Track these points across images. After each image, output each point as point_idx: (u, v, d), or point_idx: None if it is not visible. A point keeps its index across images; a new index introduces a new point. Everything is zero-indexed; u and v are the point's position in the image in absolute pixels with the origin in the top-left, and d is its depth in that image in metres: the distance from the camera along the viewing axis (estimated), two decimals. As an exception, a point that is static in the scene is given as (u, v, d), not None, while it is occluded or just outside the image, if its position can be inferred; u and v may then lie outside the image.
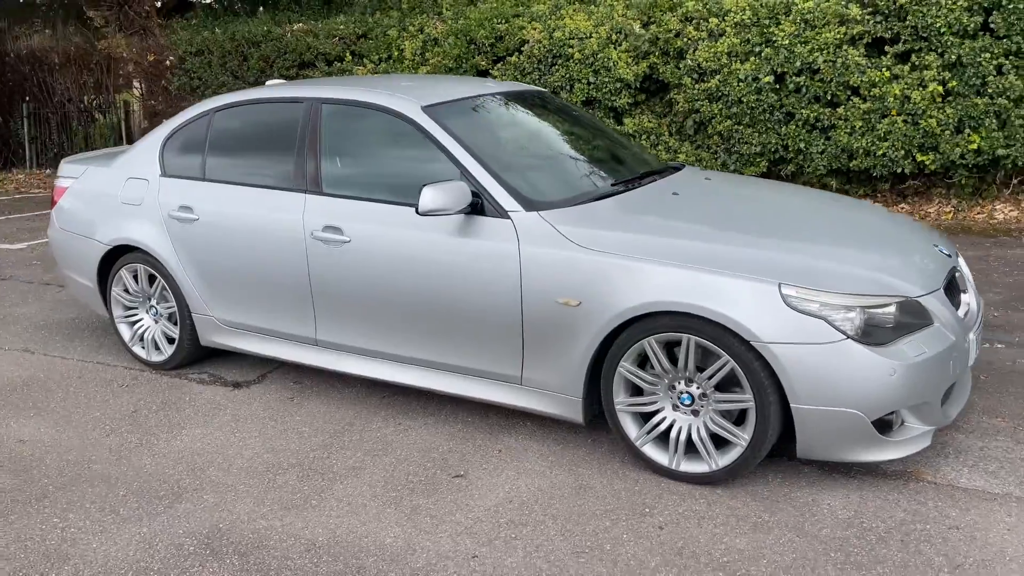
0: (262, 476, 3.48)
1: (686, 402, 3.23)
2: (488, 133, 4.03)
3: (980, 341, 3.48)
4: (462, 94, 4.14)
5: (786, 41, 7.61)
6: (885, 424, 3.05)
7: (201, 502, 3.29)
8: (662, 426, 3.28)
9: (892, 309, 3.02)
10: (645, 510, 3.10)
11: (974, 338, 3.33)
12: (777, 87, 7.81)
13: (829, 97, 7.64)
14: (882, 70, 7.35)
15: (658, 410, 3.29)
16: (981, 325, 3.52)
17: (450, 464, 3.51)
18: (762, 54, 7.77)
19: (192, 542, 3.03)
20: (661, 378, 3.25)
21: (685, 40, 8.17)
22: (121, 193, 4.63)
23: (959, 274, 3.57)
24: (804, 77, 7.64)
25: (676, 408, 3.26)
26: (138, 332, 4.74)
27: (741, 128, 8.06)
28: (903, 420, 3.08)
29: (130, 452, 3.74)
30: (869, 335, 2.96)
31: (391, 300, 3.74)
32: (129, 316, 4.77)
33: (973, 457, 3.35)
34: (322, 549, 2.95)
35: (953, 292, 3.39)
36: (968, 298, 3.51)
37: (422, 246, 3.62)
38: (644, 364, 3.27)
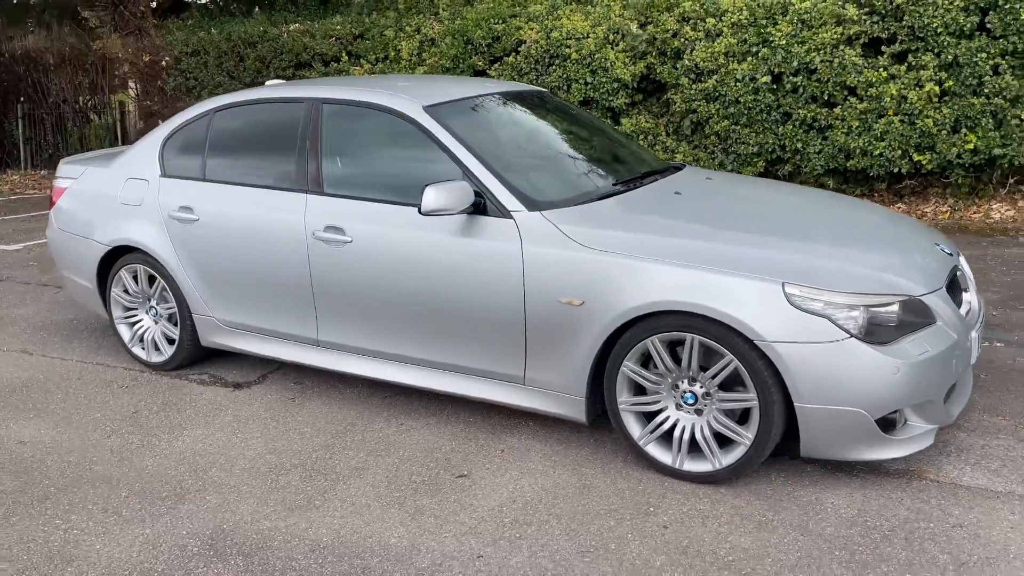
0: (265, 477, 3.47)
1: (689, 401, 3.23)
2: (490, 133, 4.03)
3: (981, 339, 3.49)
4: (463, 94, 4.14)
5: (783, 41, 7.63)
6: (888, 423, 3.06)
7: (204, 503, 3.29)
8: (665, 425, 3.29)
9: (895, 308, 3.02)
10: (649, 509, 3.11)
11: (976, 336, 3.35)
12: (774, 87, 7.83)
13: (826, 97, 7.66)
14: (879, 70, 7.37)
15: (661, 409, 3.30)
16: (982, 323, 3.53)
17: (453, 464, 3.51)
18: (759, 54, 7.79)
19: (196, 543, 3.02)
20: (664, 377, 3.25)
21: (682, 40, 8.18)
22: (121, 194, 4.62)
23: (960, 273, 3.58)
24: (801, 77, 7.66)
25: (679, 407, 3.27)
26: (138, 333, 4.72)
27: (738, 128, 8.07)
28: (906, 419, 3.09)
29: (131, 453, 3.73)
30: (872, 334, 2.97)
31: (393, 300, 3.74)
32: (129, 317, 4.76)
33: (975, 455, 3.36)
34: (327, 550, 2.95)
35: (955, 291, 3.41)
36: (969, 297, 3.53)
37: (425, 246, 3.62)
38: (647, 363, 3.27)
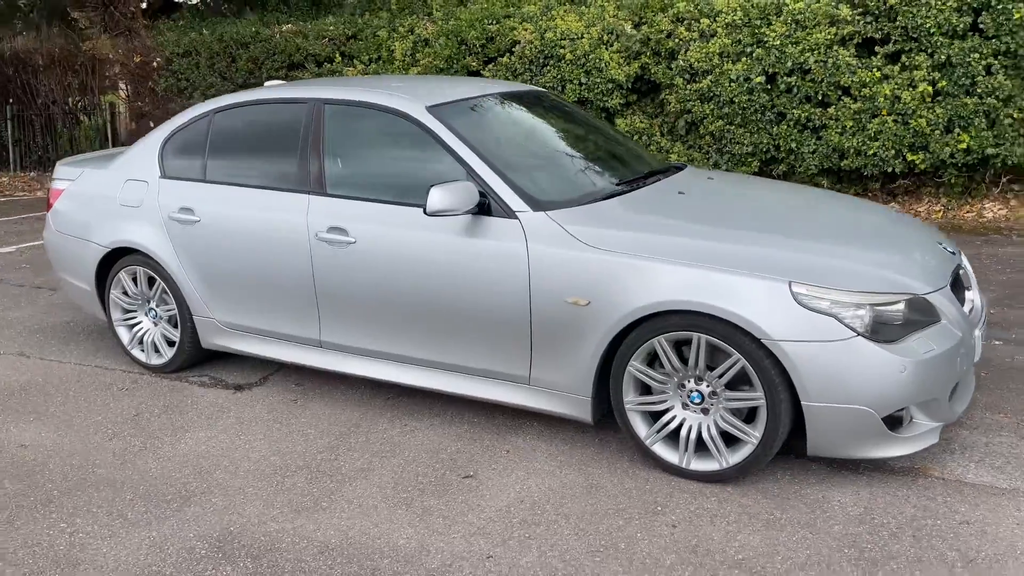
0: (270, 478, 3.46)
1: (696, 400, 3.24)
2: (492, 133, 4.03)
3: (984, 337, 3.51)
4: (465, 94, 4.14)
5: (777, 42, 7.66)
6: (895, 421, 3.07)
7: (210, 505, 3.27)
8: (672, 425, 3.29)
9: (901, 306, 3.04)
10: (657, 508, 3.11)
11: (979, 334, 3.37)
12: (768, 87, 7.85)
13: (820, 97, 7.69)
14: (872, 70, 7.41)
15: (668, 409, 3.30)
16: (985, 321, 3.56)
17: (459, 465, 3.51)
18: (753, 54, 7.81)
19: (203, 545, 3.01)
20: (671, 377, 3.26)
21: (676, 41, 8.20)
22: (120, 195, 4.59)
23: (963, 271, 3.60)
24: (795, 77, 7.69)
25: (686, 407, 3.27)
26: (137, 335, 4.70)
27: (733, 128, 8.09)
28: (912, 416, 3.10)
29: (134, 456, 3.71)
30: (878, 332, 2.99)
31: (397, 300, 3.73)
32: (128, 319, 4.73)
33: (979, 453, 3.38)
34: (335, 551, 2.94)
35: (958, 289, 3.43)
36: (972, 295, 3.55)
37: (429, 246, 3.62)
38: (653, 363, 3.28)
